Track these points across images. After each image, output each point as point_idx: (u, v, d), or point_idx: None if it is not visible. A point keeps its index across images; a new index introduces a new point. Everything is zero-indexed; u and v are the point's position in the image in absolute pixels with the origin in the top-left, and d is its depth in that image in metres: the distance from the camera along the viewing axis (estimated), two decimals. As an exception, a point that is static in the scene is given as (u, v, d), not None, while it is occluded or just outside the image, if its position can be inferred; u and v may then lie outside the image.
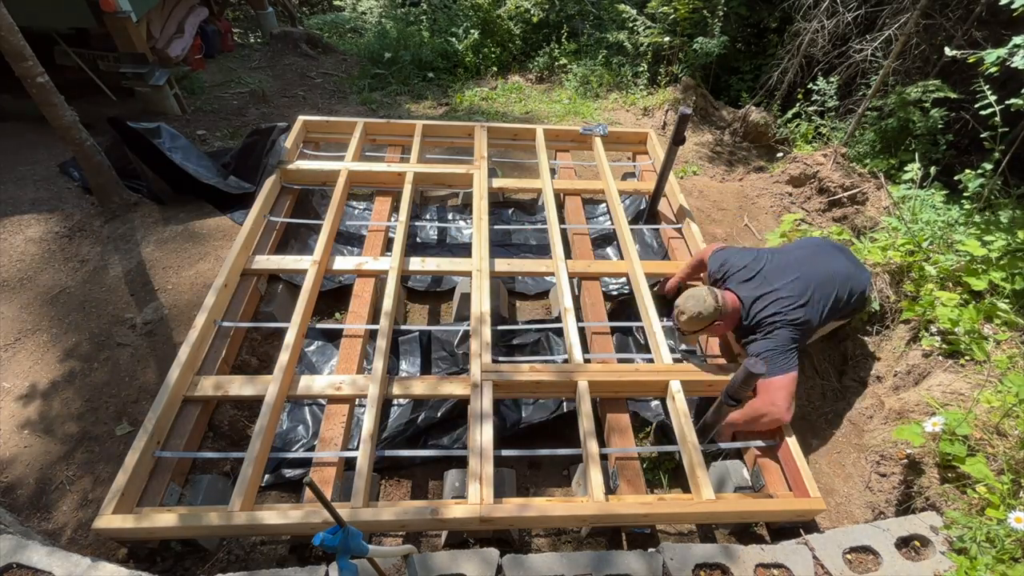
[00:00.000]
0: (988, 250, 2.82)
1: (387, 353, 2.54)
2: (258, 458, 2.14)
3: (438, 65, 6.47)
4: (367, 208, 3.82)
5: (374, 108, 5.67)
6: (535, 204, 4.05)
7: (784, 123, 5.35)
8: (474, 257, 3.03)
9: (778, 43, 5.68)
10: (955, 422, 2.14)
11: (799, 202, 4.13)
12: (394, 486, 2.53)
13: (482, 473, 2.11)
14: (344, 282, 3.23)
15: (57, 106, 3.04)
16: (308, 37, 6.64)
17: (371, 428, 2.23)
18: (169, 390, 2.26)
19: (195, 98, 5.21)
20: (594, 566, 1.86)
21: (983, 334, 2.57)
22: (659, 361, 2.63)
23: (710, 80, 6.19)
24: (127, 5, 4.11)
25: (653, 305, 2.86)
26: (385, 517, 2.00)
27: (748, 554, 1.95)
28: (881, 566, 1.94)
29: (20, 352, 2.71)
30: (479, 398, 2.36)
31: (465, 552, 1.89)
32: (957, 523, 1.97)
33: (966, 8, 4.49)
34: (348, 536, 1.35)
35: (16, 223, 3.38)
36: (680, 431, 2.38)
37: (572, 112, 5.64)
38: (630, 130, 4.30)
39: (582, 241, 3.43)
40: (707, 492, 2.15)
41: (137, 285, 3.02)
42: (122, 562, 2.02)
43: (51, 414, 2.50)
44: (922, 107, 4.43)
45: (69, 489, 2.29)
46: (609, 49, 6.26)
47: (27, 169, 3.89)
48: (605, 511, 2.07)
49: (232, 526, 1.95)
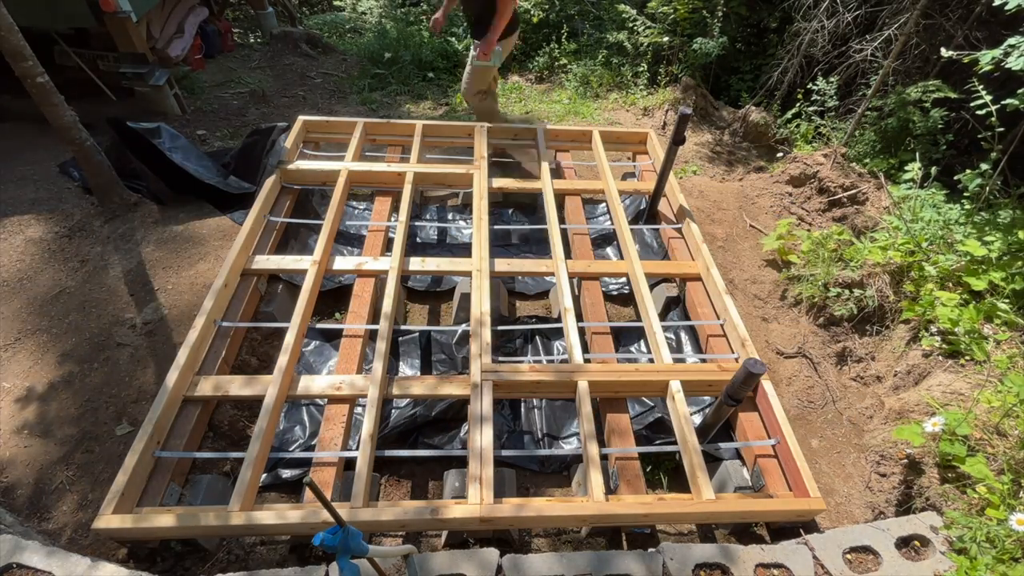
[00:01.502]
0: (988, 250, 2.82)
1: (387, 353, 2.54)
2: (258, 458, 2.14)
3: (438, 65, 6.47)
4: (367, 208, 3.82)
5: (374, 108, 5.67)
6: (535, 204, 4.05)
7: (784, 123, 5.35)
8: (474, 257, 3.03)
9: (778, 43, 5.68)
10: (955, 422, 2.14)
11: (799, 202, 4.13)
12: (394, 486, 2.53)
13: (482, 475, 2.11)
14: (344, 282, 3.23)
15: (57, 106, 3.04)
16: (308, 37, 6.63)
17: (371, 428, 2.23)
18: (169, 390, 2.26)
19: (195, 98, 5.21)
20: (594, 566, 1.86)
21: (983, 334, 2.57)
22: (659, 361, 2.63)
23: (710, 80, 6.18)
24: (127, 5, 4.10)
25: (653, 305, 2.87)
26: (385, 517, 2.00)
27: (748, 554, 1.95)
28: (881, 566, 1.94)
29: (20, 352, 2.71)
30: (479, 398, 2.36)
31: (465, 552, 1.89)
32: (957, 523, 1.97)
33: (966, 8, 4.48)
34: (348, 536, 1.35)
35: (16, 223, 3.38)
36: (680, 431, 2.38)
37: (572, 112, 5.64)
38: (630, 130, 4.30)
39: (582, 241, 3.43)
40: (707, 492, 2.15)
41: (137, 285, 3.02)
42: (122, 562, 2.02)
43: (51, 414, 2.50)
44: (922, 107, 4.43)
45: (69, 489, 2.29)
46: (609, 49, 6.26)
47: (27, 169, 3.89)
48: (605, 511, 2.07)
49: (232, 526, 1.95)
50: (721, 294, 2.93)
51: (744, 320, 2.87)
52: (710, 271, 3.06)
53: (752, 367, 2.10)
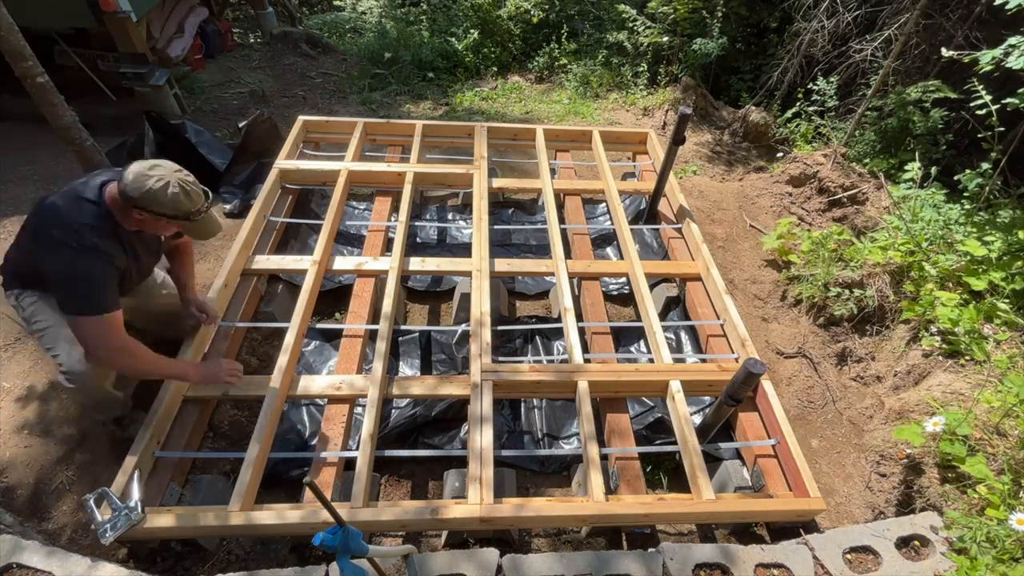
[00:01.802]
0: (988, 250, 2.82)
1: (387, 353, 2.54)
2: (258, 458, 2.14)
3: (438, 65, 6.47)
4: (367, 208, 3.82)
5: (374, 108, 5.67)
6: (535, 204, 4.05)
7: (784, 123, 5.35)
8: (474, 257, 3.03)
9: (778, 43, 5.68)
10: (955, 422, 2.14)
11: (799, 202, 4.13)
12: (394, 486, 2.52)
13: (482, 475, 2.11)
14: (344, 282, 3.23)
15: (57, 106, 3.04)
16: (308, 37, 6.63)
17: (371, 428, 2.23)
18: (169, 390, 2.26)
19: (195, 98, 5.21)
20: (594, 566, 1.86)
21: (983, 334, 2.57)
22: (659, 361, 2.63)
23: (710, 80, 6.19)
24: (127, 5, 4.10)
25: (653, 305, 2.87)
26: (385, 517, 2.00)
27: (748, 554, 1.95)
28: (881, 566, 1.94)
29: (20, 352, 2.71)
30: (479, 399, 2.36)
31: (465, 552, 1.89)
32: (957, 523, 1.97)
33: (966, 8, 4.48)
34: (348, 536, 1.35)
35: (16, 223, 3.37)
36: (680, 431, 2.38)
37: (572, 112, 5.64)
38: (630, 130, 4.30)
39: (582, 241, 3.43)
40: (707, 492, 2.15)
41: (137, 285, 3.01)
42: (122, 562, 2.02)
43: (50, 415, 2.50)
44: (922, 107, 4.43)
45: (69, 489, 2.29)
46: (609, 49, 6.26)
47: (27, 169, 3.89)
48: (605, 511, 2.07)
49: (232, 526, 1.95)
50: (721, 294, 2.93)
51: (744, 320, 2.87)
52: (710, 271, 3.06)
53: (752, 367, 2.10)
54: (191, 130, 3.83)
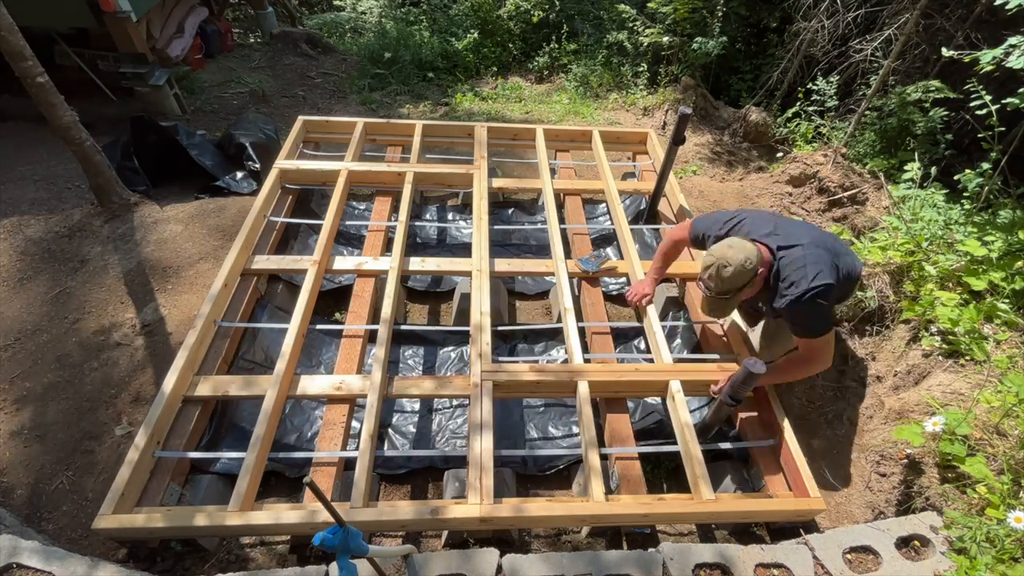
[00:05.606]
0: (988, 250, 2.81)
1: (387, 354, 2.54)
2: (258, 458, 2.14)
3: (438, 65, 6.47)
4: (367, 208, 3.82)
5: (374, 108, 5.67)
6: (535, 204, 4.05)
7: (784, 123, 5.35)
8: (474, 257, 3.03)
9: (778, 43, 5.68)
10: (955, 422, 2.14)
11: (799, 202, 4.13)
12: (394, 486, 2.52)
13: (482, 475, 2.11)
14: (344, 282, 3.23)
15: (57, 106, 3.04)
16: (308, 37, 6.64)
17: (371, 428, 2.23)
18: (168, 390, 2.26)
19: (195, 98, 5.21)
20: (594, 567, 1.86)
21: (983, 334, 2.57)
22: (659, 361, 2.63)
23: (710, 80, 6.18)
24: (127, 5, 4.11)
25: (653, 305, 2.86)
26: (385, 517, 2.00)
27: (748, 554, 1.94)
28: (881, 566, 1.94)
29: (20, 352, 2.71)
30: (479, 399, 2.36)
31: (465, 552, 1.88)
32: (957, 523, 1.97)
33: (966, 8, 4.48)
34: (348, 536, 1.35)
35: (16, 223, 3.38)
36: (680, 432, 2.38)
37: (572, 112, 5.64)
38: (630, 130, 4.29)
39: (582, 241, 3.43)
40: (707, 492, 2.15)
41: (137, 285, 3.02)
42: (122, 562, 2.02)
43: (50, 415, 2.50)
44: (922, 107, 4.43)
45: (69, 490, 2.29)
46: (609, 49, 6.26)
47: (27, 169, 3.89)
48: (604, 511, 2.07)
49: (231, 526, 1.95)
50: (721, 294, 2.92)
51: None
52: (710, 271, 3.05)
53: (752, 367, 2.10)
54: (183, 132, 3.91)
